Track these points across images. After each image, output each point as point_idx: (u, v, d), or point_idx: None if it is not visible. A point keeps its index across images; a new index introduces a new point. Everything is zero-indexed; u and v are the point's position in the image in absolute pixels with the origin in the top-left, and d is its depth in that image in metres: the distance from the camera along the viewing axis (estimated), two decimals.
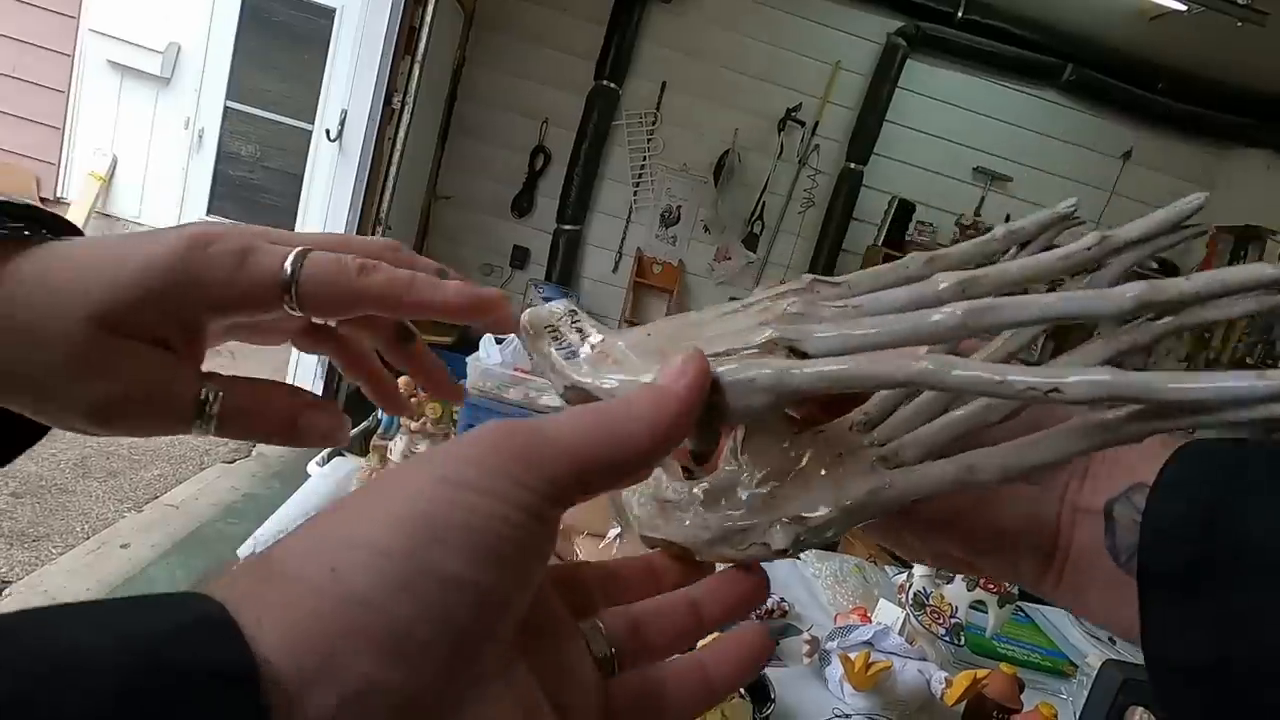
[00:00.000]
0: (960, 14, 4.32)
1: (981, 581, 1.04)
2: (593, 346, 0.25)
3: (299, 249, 0.26)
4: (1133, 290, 0.19)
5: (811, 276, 0.24)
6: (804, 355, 0.21)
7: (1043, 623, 1.34)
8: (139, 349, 0.25)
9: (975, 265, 0.25)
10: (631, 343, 0.25)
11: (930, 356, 0.19)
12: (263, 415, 0.27)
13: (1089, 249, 0.21)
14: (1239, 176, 4.78)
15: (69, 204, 4.25)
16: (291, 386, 0.29)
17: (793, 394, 0.21)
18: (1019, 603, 1.18)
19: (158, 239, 0.25)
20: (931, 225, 4.56)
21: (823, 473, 0.22)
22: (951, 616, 1.10)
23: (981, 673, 0.95)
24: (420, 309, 0.27)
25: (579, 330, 0.26)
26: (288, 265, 0.25)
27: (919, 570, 1.13)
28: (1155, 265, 4.84)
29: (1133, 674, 0.76)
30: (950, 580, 1.06)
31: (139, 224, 4.40)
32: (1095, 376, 0.18)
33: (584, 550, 0.94)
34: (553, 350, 0.26)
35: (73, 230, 0.30)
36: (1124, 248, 0.22)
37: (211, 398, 0.26)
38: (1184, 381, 0.17)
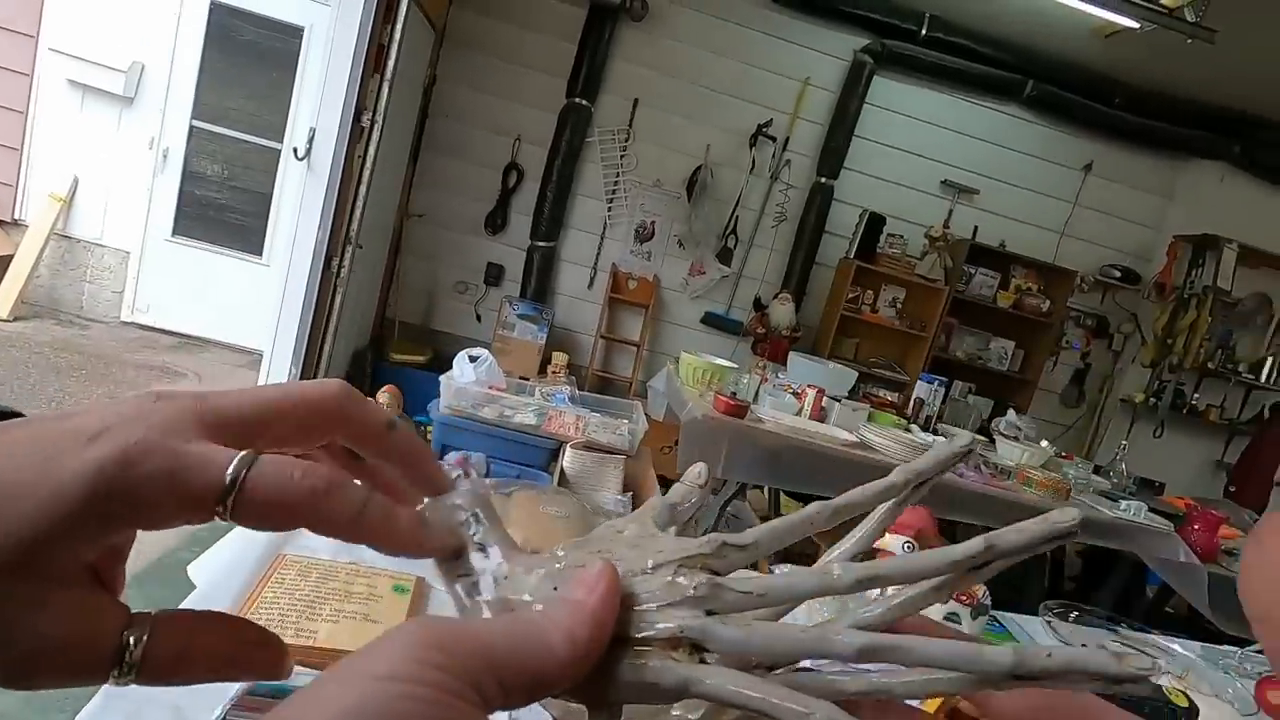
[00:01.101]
0: (924, 31, 4.42)
1: (954, 594, 1.03)
2: (496, 579, 0.25)
3: (241, 456, 0.22)
4: (1007, 657, 0.21)
5: (721, 539, 0.25)
6: (705, 651, 0.23)
7: (1017, 631, 1.33)
8: (53, 594, 0.21)
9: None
10: (537, 574, 0.25)
11: (826, 706, 0.21)
12: (192, 659, 0.23)
13: (975, 555, 0.23)
14: (1195, 187, 4.93)
15: (26, 225, 4.14)
16: (230, 618, 0.25)
17: (694, 697, 0.22)
18: (993, 612, 1.18)
19: (67, 461, 0.20)
20: (902, 237, 4.63)
21: None
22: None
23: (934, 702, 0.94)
24: (366, 541, 0.24)
25: (481, 549, 0.26)
26: (228, 476, 0.22)
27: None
28: (1118, 274, 4.97)
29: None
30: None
31: (100, 245, 4.31)
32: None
33: None
34: (459, 589, 0.26)
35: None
36: (1009, 553, 0.24)
37: (133, 642, 0.22)
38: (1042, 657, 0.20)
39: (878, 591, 0.26)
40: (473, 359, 2.77)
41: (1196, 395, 5.05)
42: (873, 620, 0.26)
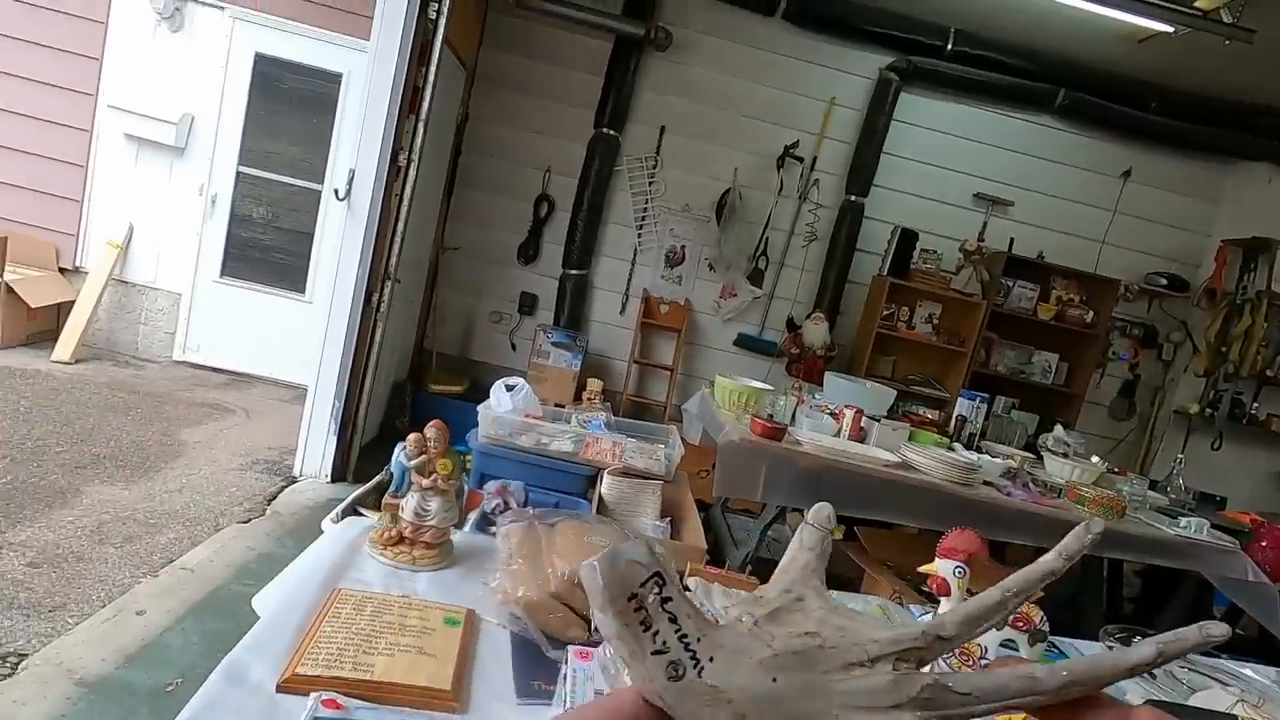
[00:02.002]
0: (950, 46, 4.41)
1: (1011, 618, 1.00)
2: (696, 660, 0.23)
3: None
4: None
5: (933, 634, 0.25)
6: None
7: (1077, 659, 1.29)
8: None
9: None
10: (755, 692, 0.23)
11: None
12: None
13: (1149, 660, 0.25)
14: (1242, 189, 4.78)
15: (86, 272, 4.35)
16: None
17: None
18: (1051, 638, 1.14)
19: None
20: (936, 252, 4.57)
21: None
22: (981, 658, 1.06)
23: (1017, 717, 0.91)
24: None
25: (672, 620, 0.23)
26: None
27: (944, 606, 1.09)
28: (1164, 282, 4.82)
29: (1177, 714, 0.73)
30: None
31: (154, 288, 4.50)
32: None
33: None
34: (645, 648, 0.23)
35: None
36: (1176, 655, 0.25)
37: None
38: None
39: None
40: (509, 388, 2.81)
41: (1256, 404, 4.84)
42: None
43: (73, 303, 4.23)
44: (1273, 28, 3.35)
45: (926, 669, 0.25)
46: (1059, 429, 3.25)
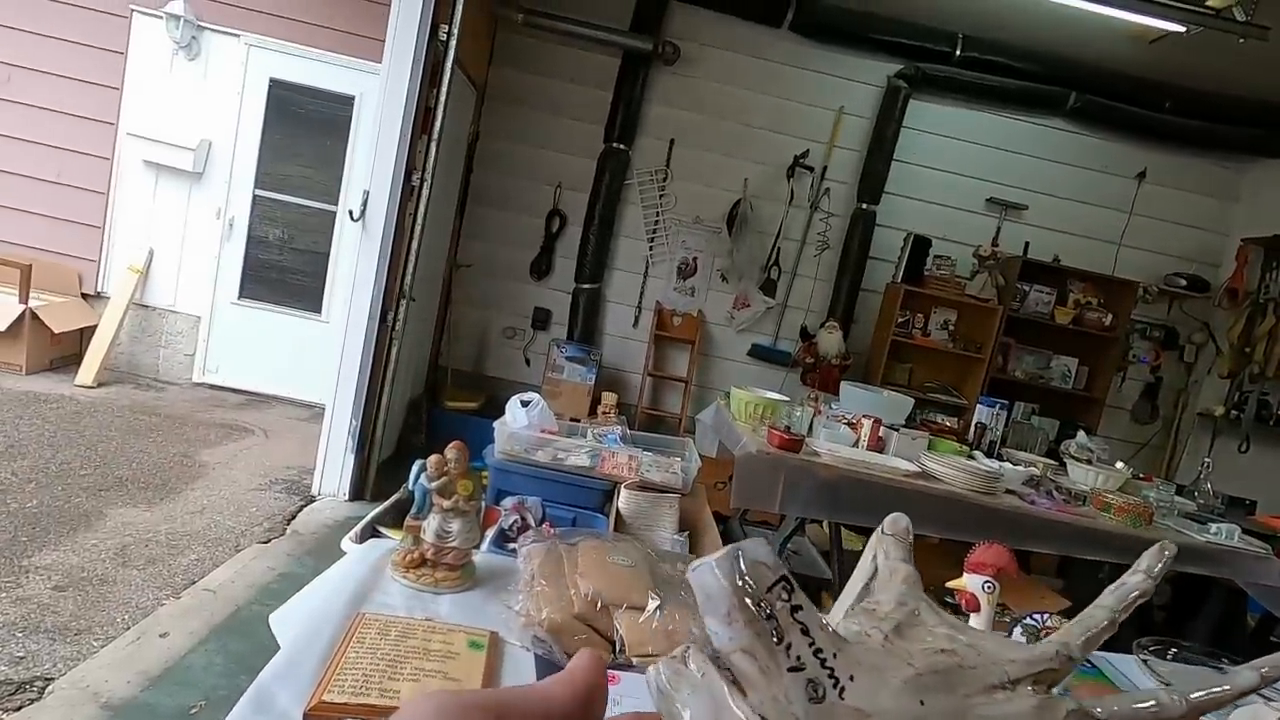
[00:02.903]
0: (958, 52, 4.40)
1: (1041, 632, 0.98)
2: (836, 679, 0.20)
3: None
4: None
5: (1067, 654, 0.25)
6: None
7: (1111, 672, 1.26)
8: None
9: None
10: (900, 716, 0.21)
11: None
12: None
13: (1254, 686, 0.25)
14: (1262, 187, 4.72)
15: (108, 297, 4.42)
16: None
17: None
18: None
19: None
20: (950, 258, 4.54)
21: None
22: None
23: None
24: None
25: (804, 632, 0.20)
26: None
27: (975, 621, 1.07)
28: (1184, 282, 4.75)
29: None
30: (1009, 635, 1.00)
31: (174, 311, 4.56)
32: None
33: (624, 624, 0.91)
34: (781, 663, 0.20)
35: None
36: (1274, 680, 0.25)
37: None
38: None
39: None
40: (524, 403, 2.82)
41: None
42: None
43: (95, 327, 4.30)
44: None
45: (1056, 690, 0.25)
46: (1081, 435, 3.21)
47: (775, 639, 0.20)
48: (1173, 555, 0.28)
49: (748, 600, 0.20)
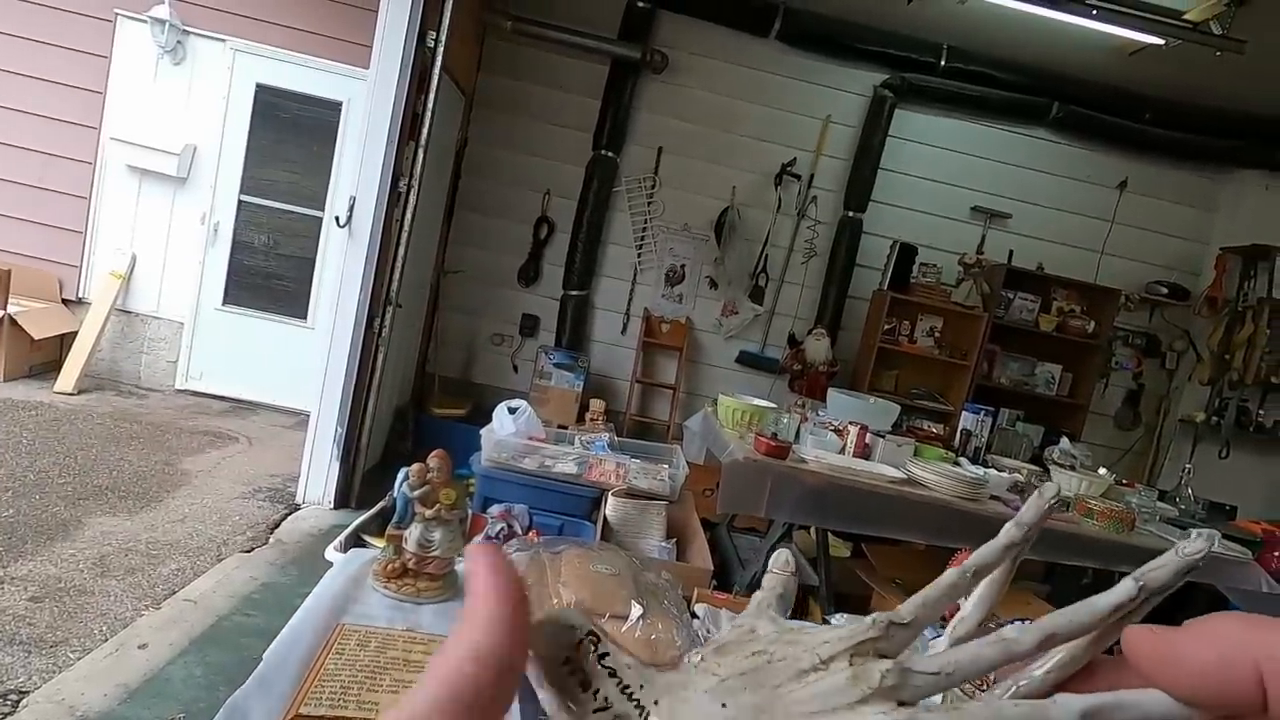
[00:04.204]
0: (943, 62, 4.45)
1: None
2: (641, 707, 0.22)
3: None
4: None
5: (886, 619, 0.24)
6: None
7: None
8: None
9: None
10: (700, 696, 0.22)
11: None
12: None
13: (1132, 597, 0.23)
14: (1239, 197, 4.80)
15: (89, 303, 4.37)
16: None
17: None
18: None
19: None
20: (936, 266, 4.58)
21: None
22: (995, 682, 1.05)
23: None
24: None
25: (611, 674, 0.23)
26: None
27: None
28: (1165, 290, 4.82)
29: None
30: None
31: (157, 317, 4.51)
32: None
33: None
34: (588, 708, 0.22)
35: None
36: (1158, 591, 0.24)
37: None
38: None
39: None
40: (512, 410, 2.80)
41: (1262, 411, 4.82)
42: (1035, 687, 0.24)
43: (75, 334, 4.25)
44: (1263, 38, 3.39)
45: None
46: (1065, 441, 3.24)
47: (582, 689, 0.22)
48: (1054, 503, 0.27)
49: (551, 664, 0.22)
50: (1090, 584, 2.92)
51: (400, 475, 1.13)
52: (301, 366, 4.15)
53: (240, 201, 4.46)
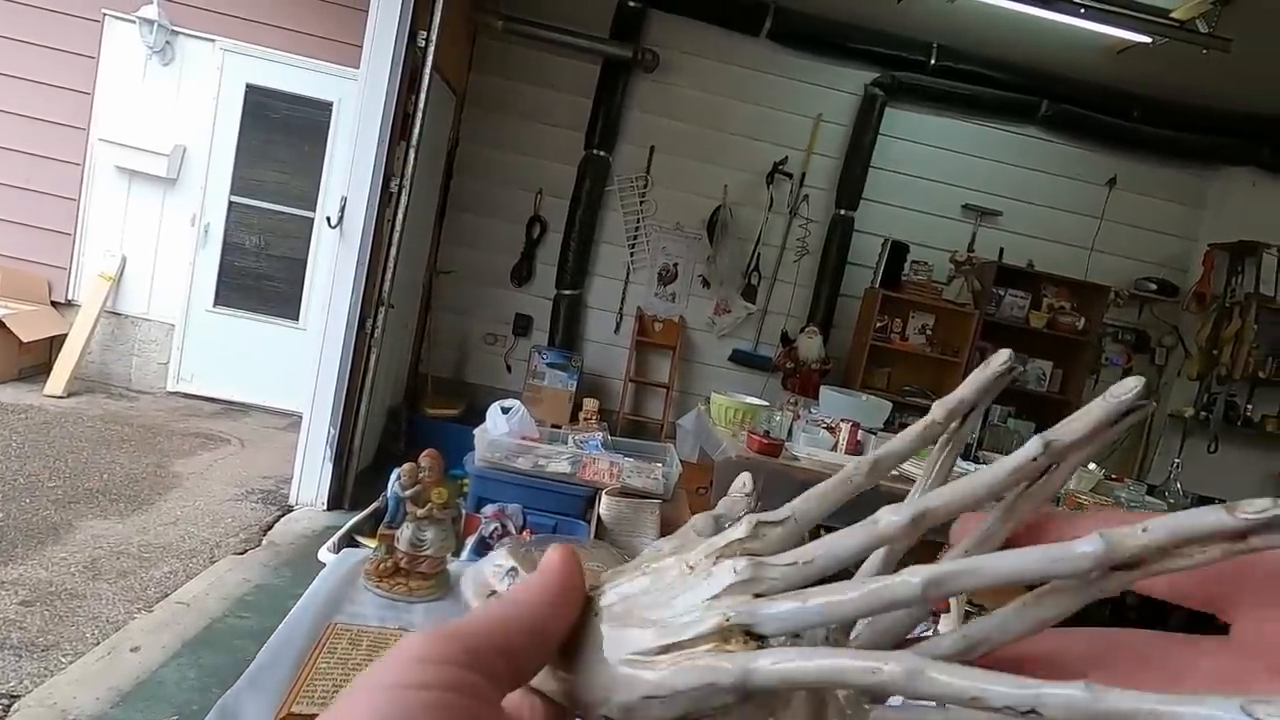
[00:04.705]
0: (933, 61, 4.47)
1: None
2: None
3: None
4: (1089, 547, 0.18)
5: (756, 518, 0.22)
6: (761, 638, 0.20)
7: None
8: None
9: (921, 452, 0.25)
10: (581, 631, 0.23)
11: (902, 656, 0.18)
12: None
13: (1035, 458, 0.20)
14: (1227, 194, 4.84)
15: (79, 305, 4.34)
16: None
17: (759, 691, 0.20)
18: None
19: None
20: (927, 264, 4.60)
21: None
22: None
23: None
24: None
25: None
26: None
27: (944, 624, 1.09)
28: (1154, 287, 4.86)
29: None
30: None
31: (147, 319, 4.49)
32: (1073, 695, 0.16)
33: None
34: None
35: None
36: (1070, 448, 0.21)
37: None
38: (1172, 705, 0.15)
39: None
40: (505, 410, 2.80)
41: (1250, 406, 4.86)
42: (957, 647, 0.22)
43: (65, 336, 4.22)
44: (1249, 36, 3.42)
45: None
46: None
47: None
48: (1010, 364, 0.24)
49: (480, 596, 0.25)
50: None
51: (392, 475, 1.13)
52: (293, 368, 4.13)
53: (230, 202, 4.44)
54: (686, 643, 0.20)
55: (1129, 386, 0.20)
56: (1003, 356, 0.24)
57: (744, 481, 0.28)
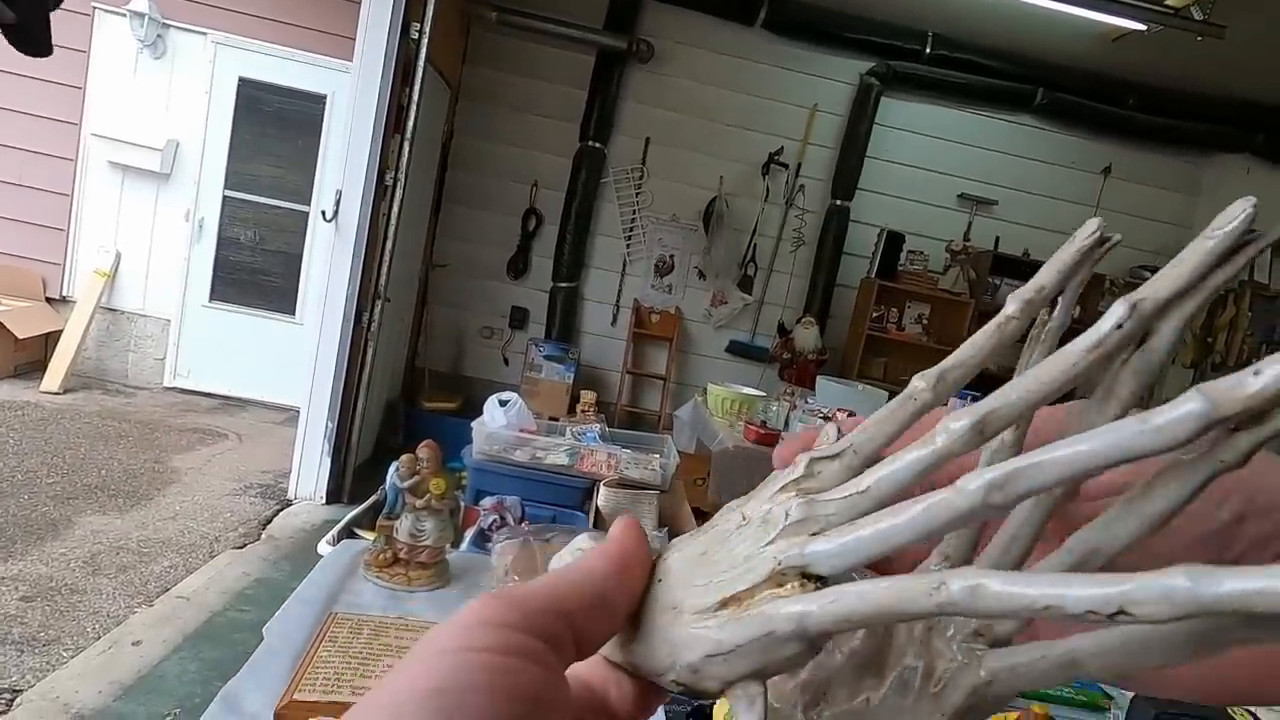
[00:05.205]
0: (928, 50, 4.46)
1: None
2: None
3: None
4: (1190, 406, 0.14)
5: (808, 456, 0.20)
6: (821, 579, 0.19)
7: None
8: None
9: (998, 358, 0.20)
10: (649, 601, 0.22)
11: (965, 572, 0.16)
12: None
13: (1119, 325, 0.17)
14: (1221, 182, 4.85)
15: (74, 302, 4.33)
16: None
17: (821, 637, 0.18)
18: None
19: None
20: (923, 253, 4.61)
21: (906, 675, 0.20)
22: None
23: (1011, 715, 0.92)
24: None
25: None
26: None
27: None
28: (1149, 275, 4.86)
29: (1164, 708, 0.73)
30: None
31: (143, 315, 4.48)
32: (1172, 585, 0.13)
33: None
34: None
35: None
36: (1165, 307, 0.17)
37: None
38: None
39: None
40: (502, 403, 2.81)
41: None
42: (1061, 567, 0.19)
43: (60, 332, 4.21)
44: (1243, 23, 3.42)
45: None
46: None
47: None
48: (1093, 237, 0.20)
49: None
50: None
51: (391, 467, 1.14)
52: (290, 362, 4.13)
53: (225, 197, 4.42)
54: (744, 594, 0.19)
55: (1236, 212, 0.16)
56: (1091, 226, 0.20)
57: (829, 433, 0.24)
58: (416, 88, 3.30)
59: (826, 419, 2.82)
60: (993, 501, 0.16)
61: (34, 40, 0.97)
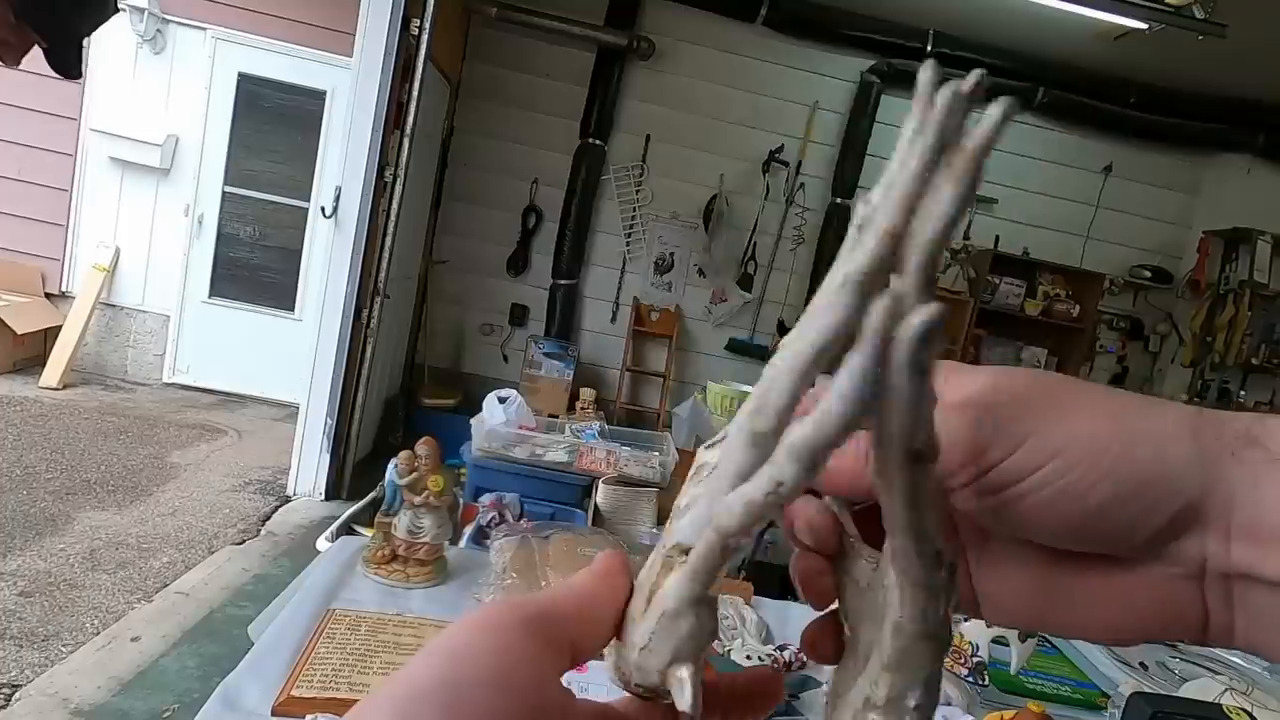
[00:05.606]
0: (929, 48, 4.45)
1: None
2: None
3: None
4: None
5: (701, 448, 0.23)
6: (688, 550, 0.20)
7: (1071, 653, 1.29)
8: None
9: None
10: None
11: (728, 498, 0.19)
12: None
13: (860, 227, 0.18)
14: (1222, 181, 4.84)
15: (73, 297, 4.33)
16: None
17: (701, 597, 0.20)
18: (1044, 634, 1.15)
19: None
20: None
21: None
22: (973, 655, 1.07)
23: (1008, 714, 0.92)
24: None
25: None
26: None
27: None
28: (1149, 274, 4.87)
29: (1161, 705, 0.74)
30: (967, 618, 1.03)
31: (142, 311, 4.48)
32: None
33: None
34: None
35: None
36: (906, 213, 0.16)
37: None
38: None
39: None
40: (502, 400, 2.81)
41: (1243, 392, 4.89)
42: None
43: (60, 328, 4.21)
44: (1244, 22, 3.41)
45: None
46: None
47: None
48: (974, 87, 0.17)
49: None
50: None
51: (390, 464, 1.14)
52: (290, 358, 4.13)
53: (225, 193, 4.42)
54: (652, 588, 0.21)
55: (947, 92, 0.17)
56: (975, 75, 0.18)
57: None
58: (416, 84, 3.30)
59: None
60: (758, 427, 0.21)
61: (65, 62, 0.99)
